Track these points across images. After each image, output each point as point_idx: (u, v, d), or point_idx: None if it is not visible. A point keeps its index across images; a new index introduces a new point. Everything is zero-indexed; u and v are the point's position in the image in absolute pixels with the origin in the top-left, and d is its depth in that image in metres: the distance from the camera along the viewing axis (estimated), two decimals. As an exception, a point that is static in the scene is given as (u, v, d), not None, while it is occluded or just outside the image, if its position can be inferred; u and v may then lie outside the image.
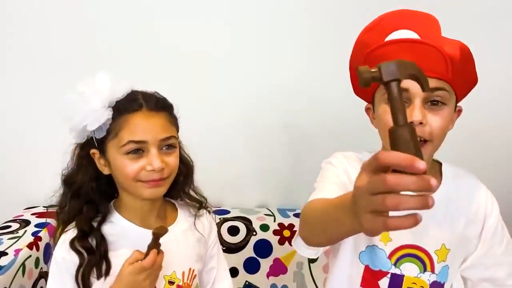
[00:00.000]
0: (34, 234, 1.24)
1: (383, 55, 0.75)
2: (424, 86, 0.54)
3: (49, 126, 1.39)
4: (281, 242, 1.42)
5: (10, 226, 1.28)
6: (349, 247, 0.84)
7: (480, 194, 0.85)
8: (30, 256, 1.17)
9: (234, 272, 1.40)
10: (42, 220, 1.33)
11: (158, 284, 0.84)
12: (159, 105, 0.83)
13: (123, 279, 0.77)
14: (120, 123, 0.79)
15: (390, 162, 0.43)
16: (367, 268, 0.83)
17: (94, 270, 0.80)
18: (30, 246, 1.18)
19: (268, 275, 1.41)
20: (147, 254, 0.78)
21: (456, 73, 0.76)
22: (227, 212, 1.49)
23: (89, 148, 0.83)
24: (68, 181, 0.84)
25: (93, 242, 0.81)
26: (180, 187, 0.91)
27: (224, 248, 1.40)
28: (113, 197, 0.89)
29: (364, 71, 0.51)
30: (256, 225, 1.43)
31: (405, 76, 0.51)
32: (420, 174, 0.42)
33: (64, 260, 0.81)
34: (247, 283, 1.40)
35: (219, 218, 1.45)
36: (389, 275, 0.82)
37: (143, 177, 0.80)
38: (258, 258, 1.41)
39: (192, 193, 0.94)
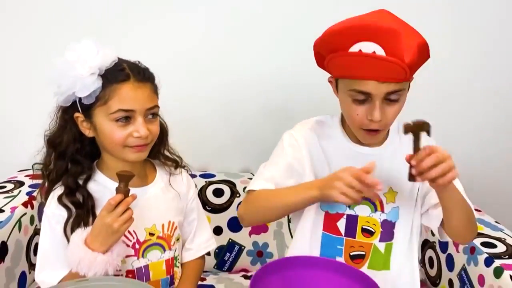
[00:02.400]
0: (29, 194, 1.32)
1: (349, 63, 0.85)
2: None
3: (36, 89, 1.45)
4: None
5: (5, 187, 1.35)
6: None
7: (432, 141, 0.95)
8: (25, 213, 1.24)
9: (218, 230, 1.49)
10: (36, 181, 1.39)
11: (139, 235, 0.92)
12: (145, 76, 0.89)
13: (96, 224, 0.83)
14: (109, 92, 0.85)
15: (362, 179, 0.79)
16: (326, 213, 0.94)
17: (82, 224, 0.87)
18: (25, 204, 1.26)
19: (250, 234, 1.51)
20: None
21: (413, 72, 0.87)
22: (213, 176, 1.57)
23: (73, 112, 0.89)
24: (52, 142, 0.91)
25: (80, 198, 0.89)
26: (157, 148, 0.98)
27: (210, 208, 1.49)
28: (95, 157, 0.95)
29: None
30: (239, 187, 1.52)
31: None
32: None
33: (54, 215, 0.89)
34: (230, 240, 1.50)
35: (205, 181, 1.53)
36: (345, 216, 0.93)
37: (129, 142, 0.87)
38: (241, 218, 1.51)
39: (167, 154, 1.01)
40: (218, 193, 1.52)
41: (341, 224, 0.93)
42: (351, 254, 0.94)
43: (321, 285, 0.83)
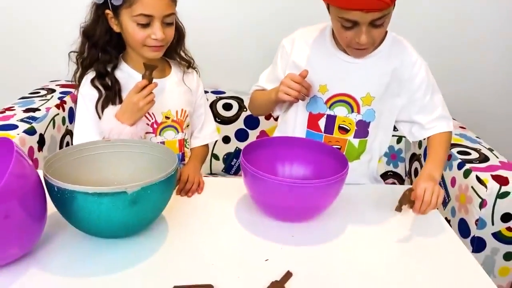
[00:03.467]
0: (60, 98, 1.50)
1: None
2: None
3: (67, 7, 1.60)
4: (267, 117, 1.67)
5: (39, 92, 1.54)
6: (300, 103, 1.08)
7: (410, 58, 1.06)
8: (57, 114, 1.43)
9: (227, 139, 1.68)
10: (66, 89, 1.59)
11: (157, 117, 1.09)
12: None
13: (124, 102, 1.00)
14: None
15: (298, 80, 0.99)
16: (310, 114, 1.09)
17: (110, 103, 1.04)
18: (57, 106, 1.45)
19: (254, 143, 1.69)
20: None
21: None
22: (223, 92, 1.72)
23: (104, 9, 1.04)
24: (86, 33, 1.06)
25: (108, 82, 1.06)
26: (173, 47, 1.13)
27: (219, 120, 1.66)
28: (122, 50, 1.10)
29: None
30: (247, 103, 1.62)
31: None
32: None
33: (87, 94, 1.06)
34: (237, 148, 1.69)
35: (216, 97, 1.69)
36: (325, 116, 1.08)
37: (148, 43, 1.02)
38: (247, 129, 1.68)
39: (182, 54, 1.16)
40: (227, 107, 1.68)
41: (322, 123, 1.08)
42: (328, 147, 1.10)
43: (302, 160, 1.00)
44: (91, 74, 1.06)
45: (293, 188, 0.81)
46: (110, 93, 1.04)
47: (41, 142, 1.32)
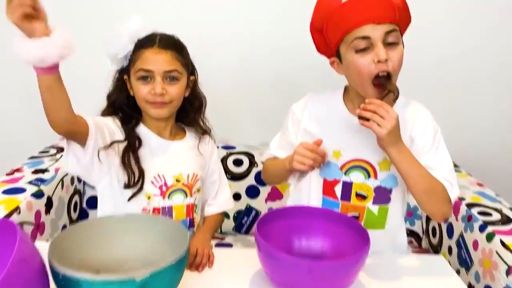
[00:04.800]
0: (69, 158, 1.49)
1: (344, 14, 0.93)
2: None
3: (85, 61, 1.54)
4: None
5: (49, 151, 1.53)
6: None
7: (421, 117, 1.03)
8: (66, 174, 1.41)
9: (237, 196, 1.63)
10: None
11: (168, 179, 1.06)
12: (169, 44, 1.04)
13: None
14: (137, 55, 1.02)
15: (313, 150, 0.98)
16: (325, 180, 1.05)
17: (131, 152, 1.03)
18: (66, 167, 1.43)
19: (266, 200, 1.64)
20: None
21: (401, 17, 0.95)
22: (233, 147, 1.70)
23: (123, 74, 1.06)
24: (109, 98, 1.09)
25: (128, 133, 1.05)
26: (192, 116, 1.13)
27: (230, 176, 1.62)
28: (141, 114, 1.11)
29: None
30: (257, 159, 1.64)
31: None
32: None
33: (113, 120, 1.05)
34: (248, 206, 1.64)
35: (226, 152, 1.67)
36: (341, 182, 1.04)
37: (149, 99, 1.02)
38: (258, 186, 1.64)
39: (200, 123, 1.16)
40: (237, 162, 1.65)
41: (338, 189, 1.04)
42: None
43: (319, 232, 0.95)
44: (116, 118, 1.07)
45: (311, 269, 0.76)
46: (131, 139, 1.04)
47: (49, 204, 1.30)
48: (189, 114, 1.12)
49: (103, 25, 1.21)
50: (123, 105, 1.07)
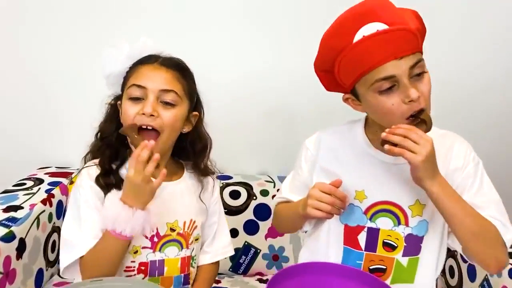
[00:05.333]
0: (48, 191, 1.32)
1: (359, 54, 0.81)
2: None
3: (64, 89, 1.49)
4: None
5: (25, 184, 1.36)
6: None
7: (458, 149, 0.91)
8: (44, 211, 1.25)
9: (234, 233, 1.48)
10: (55, 179, 1.41)
11: (160, 229, 0.91)
12: (171, 63, 0.90)
13: (126, 182, 0.83)
14: (132, 71, 0.89)
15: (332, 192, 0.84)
16: (346, 226, 0.91)
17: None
18: (44, 202, 1.27)
19: (266, 237, 1.49)
20: None
21: (422, 38, 0.84)
22: (230, 177, 1.56)
23: (118, 100, 0.92)
24: (100, 127, 0.95)
25: (113, 181, 0.90)
26: (193, 159, 0.99)
27: (226, 210, 1.46)
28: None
29: None
30: (256, 190, 1.51)
31: None
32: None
33: (93, 188, 0.89)
34: (246, 243, 1.49)
35: (222, 183, 1.52)
36: (365, 229, 0.90)
37: (137, 120, 0.86)
38: (257, 221, 1.50)
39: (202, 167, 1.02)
40: (234, 195, 1.51)
41: (362, 238, 0.90)
42: (370, 268, 0.91)
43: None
44: (94, 169, 0.91)
45: None
46: (109, 186, 0.89)
47: (21, 247, 1.13)
48: (189, 156, 0.98)
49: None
50: (111, 137, 0.92)
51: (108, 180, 0.90)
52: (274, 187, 1.52)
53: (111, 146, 0.93)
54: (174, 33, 1.48)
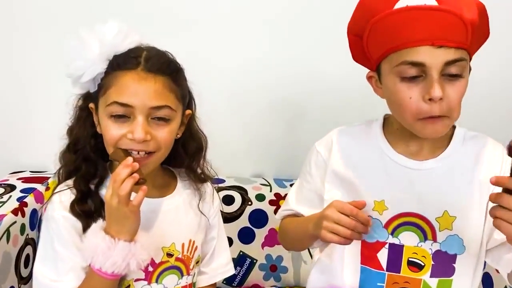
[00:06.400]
0: (20, 199, 1.19)
1: (394, 25, 0.70)
2: None
3: (36, 90, 1.37)
4: (277, 212, 1.38)
5: (-6, 191, 1.23)
6: None
7: (492, 153, 0.80)
8: (15, 222, 1.11)
9: (229, 242, 1.35)
10: (29, 185, 1.28)
11: (155, 255, 0.79)
12: (160, 67, 0.74)
13: (106, 207, 0.72)
14: (110, 79, 0.72)
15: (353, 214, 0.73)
16: (364, 243, 0.81)
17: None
18: (15, 212, 1.13)
19: (263, 245, 1.39)
20: None
21: (474, 38, 0.71)
22: (222, 181, 1.44)
23: (89, 101, 0.77)
24: (70, 133, 0.80)
25: (92, 206, 0.76)
26: (187, 162, 0.86)
27: (219, 217, 1.37)
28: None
29: None
30: (251, 194, 1.40)
31: None
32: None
33: (66, 219, 0.75)
34: (241, 253, 1.38)
35: (214, 187, 1.41)
36: (387, 246, 0.79)
37: (124, 144, 0.73)
38: (253, 228, 1.39)
39: (199, 171, 0.89)
40: (228, 200, 1.40)
41: (383, 256, 0.79)
42: (395, 291, 0.81)
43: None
44: (68, 194, 0.77)
45: None
46: (93, 222, 0.74)
47: (-12, 266, 0.99)
48: (183, 161, 0.85)
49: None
50: (86, 148, 0.78)
51: (85, 207, 0.76)
52: (270, 191, 1.42)
53: (88, 159, 0.78)
54: (165, 25, 1.36)
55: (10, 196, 1.20)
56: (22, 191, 1.24)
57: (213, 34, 1.41)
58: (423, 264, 0.79)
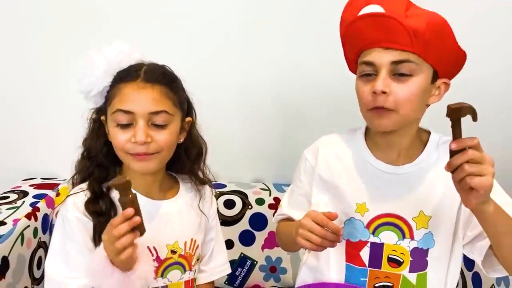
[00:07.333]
0: (32, 204, 1.26)
1: (356, 30, 0.80)
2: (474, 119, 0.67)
3: (48, 100, 1.43)
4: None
5: (8, 197, 1.30)
6: None
7: None
8: (28, 226, 1.18)
9: (229, 244, 1.42)
10: (40, 191, 1.35)
11: (161, 252, 0.86)
12: (157, 77, 0.82)
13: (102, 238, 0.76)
14: (114, 91, 0.81)
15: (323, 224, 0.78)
16: (348, 242, 0.87)
17: None
18: (28, 216, 1.20)
19: (263, 248, 1.43)
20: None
21: (427, 46, 0.78)
22: (223, 186, 1.50)
23: (101, 114, 0.85)
24: (84, 142, 0.88)
25: (103, 206, 0.84)
26: (188, 166, 0.93)
27: (220, 220, 1.39)
28: (121, 164, 0.89)
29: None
30: (251, 199, 1.45)
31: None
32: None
33: (79, 220, 0.82)
34: (242, 255, 1.43)
35: (216, 192, 1.46)
36: (368, 244, 0.85)
37: (128, 149, 0.81)
38: (253, 231, 1.44)
39: (200, 174, 0.96)
40: (229, 204, 1.45)
41: (365, 254, 0.85)
42: (376, 285, 0.86)
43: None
44: (81, 195, 0.84)
45: None
46: (104, 220, 0.80)
47: (4, 266, 1.06)
48: (185, 165, 0.92)
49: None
50: (99, 155, 0.86)
51: (97, 207, 0.82)
52: (270, 195, 1.47)
53: (101, 165, 0.86)
54: (160, 34, 1.42)
55: (24, 202, 1.27)
56: (34, 196, 1.31)
57: (209, 47, 1.46)
58: (402, 261, 0.85)
